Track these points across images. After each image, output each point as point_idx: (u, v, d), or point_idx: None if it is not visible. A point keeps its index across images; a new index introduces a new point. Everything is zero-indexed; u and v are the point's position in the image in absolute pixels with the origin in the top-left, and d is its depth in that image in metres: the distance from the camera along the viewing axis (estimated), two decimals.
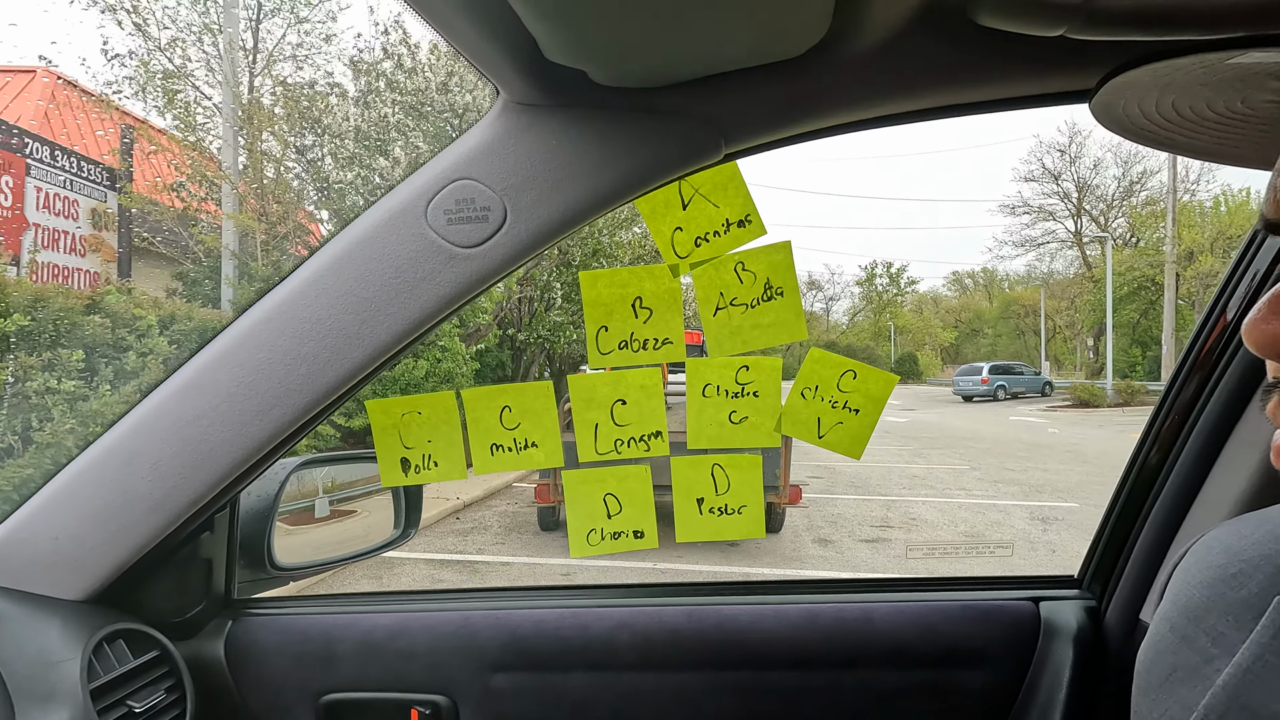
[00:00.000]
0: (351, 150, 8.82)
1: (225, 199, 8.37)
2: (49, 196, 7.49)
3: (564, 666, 0.79)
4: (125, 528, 0.72)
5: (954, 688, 0.76)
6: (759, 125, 0.56)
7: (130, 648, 0.74)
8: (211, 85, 9.27)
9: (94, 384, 4.83)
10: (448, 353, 8.47)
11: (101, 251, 8.33)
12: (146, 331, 5.32)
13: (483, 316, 9.16)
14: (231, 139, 8.63)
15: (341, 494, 1.98)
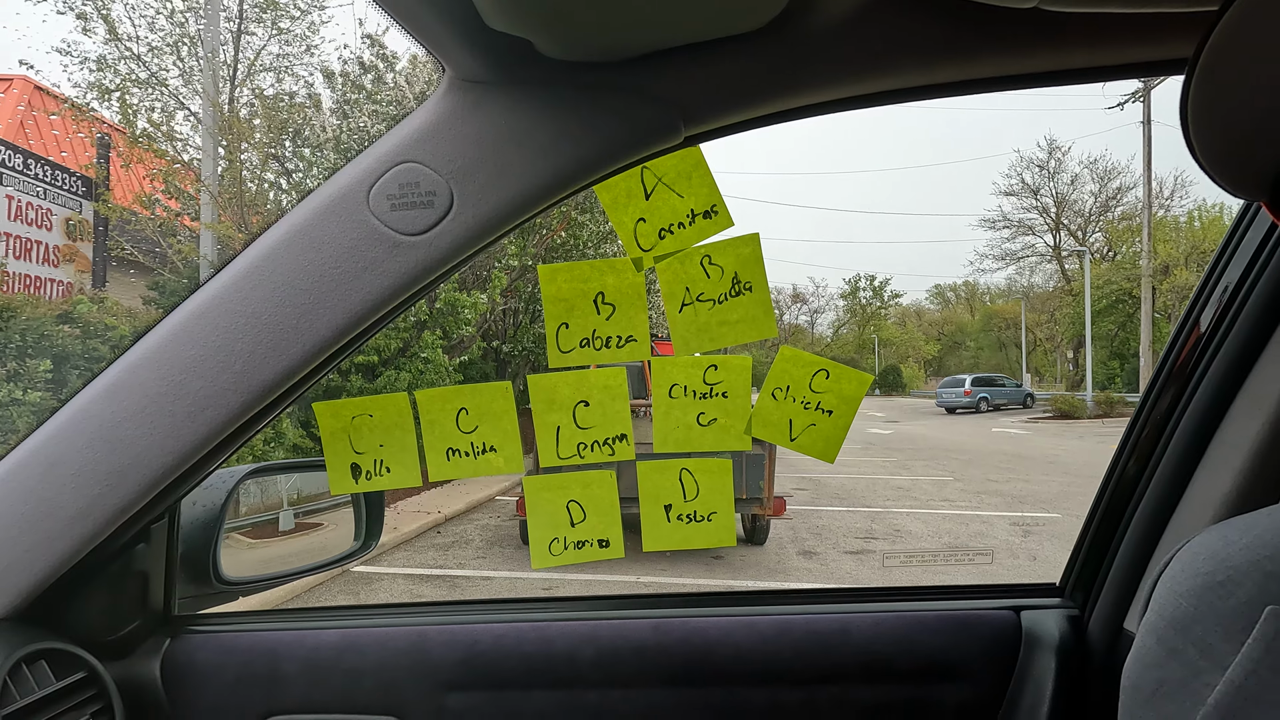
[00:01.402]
0: (332, 160, 8.75)
1: (204, 208, 8.26)
2: (22, 205, 7.36)
3: (524, 684, 0.74)
4: (47, 539, 0.67)
5: (934, 702, 0.72)
6: (721, 104, 0.53)
7: (54, 669, 0.69)
8: (190, 96, 9.20)
9: (62, 395, 4.71)
10: (430, 364, 8.38)
11: (76, 261, 8.19)
12: (119, 341, 5.21)
13: (467, 329, 9.08)
14: (211, 149, 8.54)
15: (309, 506, 1.91)
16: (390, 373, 7.98)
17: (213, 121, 8.64)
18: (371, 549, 1.06)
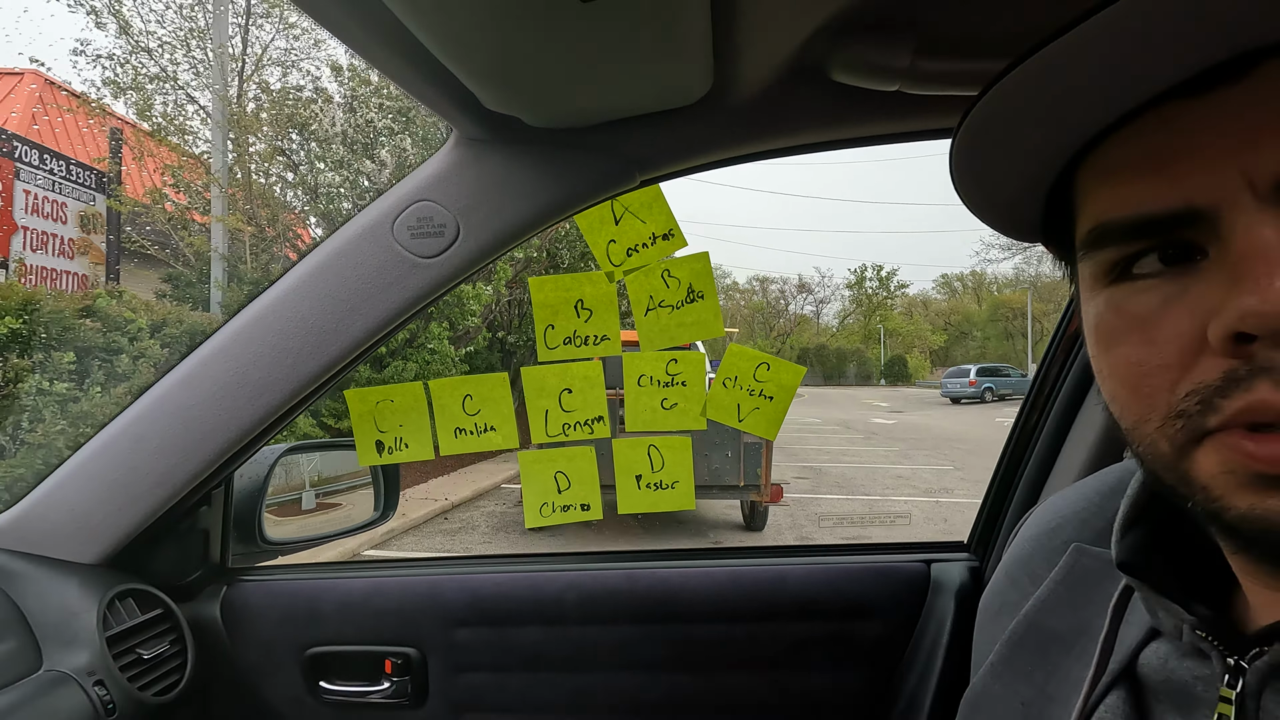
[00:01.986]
0: (340, 154, 8.90)
1: (214, 201, 8.43)
2: (37, 199, 7.53)
3: (519, 622, 0.90)
4: (133, 500, 0.83)
5: (854, 636, 0.87)
6: (665, 159, 0.68)
7: (138, 605, 0.85)
8: (199, 89, 9.35)
9: (85, 386, 4.90)
10: (437, 355, 8.57)
11: (90, 254, 8.37)
12: (137, 334, 5.39)
13: (472, 319, 9.26)
14: (220, 143, 8.70)
15: (327, 487, 2.10)
16: (397, 363, 8.16)
17: (222, 116, 8.80)
18: (389, 517, 1.22)
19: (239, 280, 8.39)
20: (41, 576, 0.80)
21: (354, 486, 1.66)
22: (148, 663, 0.81)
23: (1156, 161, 0.33)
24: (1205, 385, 0.31)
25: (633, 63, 0.53)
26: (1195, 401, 0.31)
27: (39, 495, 0.85)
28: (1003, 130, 0.35)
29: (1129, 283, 0.34)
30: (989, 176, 0.40)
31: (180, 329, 6.00)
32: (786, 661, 0.87)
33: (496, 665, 0.90)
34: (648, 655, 0.88)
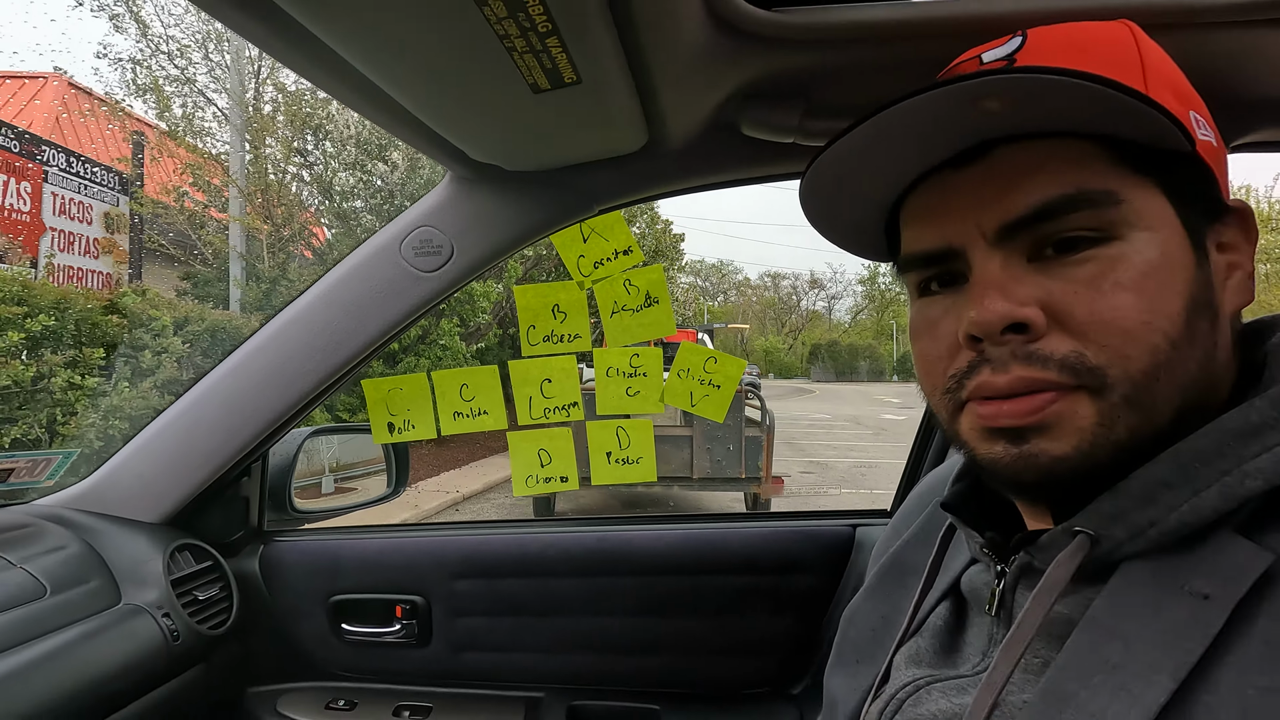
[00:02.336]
0: (354, 156, 9.12)
1: (232, 202, 8.68)
2: (64, 201, 7.80)
3: (507, 575, 1.07)
4: (189, 471, 1.00)
5: (788, 588, 1.03)
6: (616, 193, 0.84)
7: (193, 557, 1.03)
8: (218, 91, 9.60)
9: (113, 380, 5.13)
10: (449, 351, 8.79)
11: (114, 253, 8.64)
12: (161, 331, 5.62)
13: (483, 316, 9.47)
14: (238, 144, 8.95)
15: (344, 474, 2.29)
16: (410, 359, 8.39)
17: (239, 117, 9.05)
18: (400, 493, 1.40)
19: (257, 279, 8.64)
20: (117, 532, 0.98)
21: (367, 473, 1.85)
22: (202, 603, 0.99)
23: (931, 214, 0.48)
24: (959, 370, 0.46)
25: (581, 129, 0.70)
26: (955, 381, 0.47)
27: (111, 467, 1.03)
28: (834, 184, 0.49)
29: (927, 297, 0.50)
30: (829, 213, 0.55)
31: (202, 326, 6.23)
32: (730, 608, 1.04)
33: (488, 611, 1.07)
34: (614, 603, 1.05)
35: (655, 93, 0.66)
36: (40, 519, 0.95)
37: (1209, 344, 0.42)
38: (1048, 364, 0.40)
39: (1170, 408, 0.41)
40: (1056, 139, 0.42)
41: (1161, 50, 0.45)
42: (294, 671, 1.10)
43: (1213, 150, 0.44)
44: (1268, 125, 0.74)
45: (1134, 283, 0.40)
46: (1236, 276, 0.45)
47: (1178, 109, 0.42)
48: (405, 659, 1.08)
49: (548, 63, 0.56)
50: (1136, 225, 0.41)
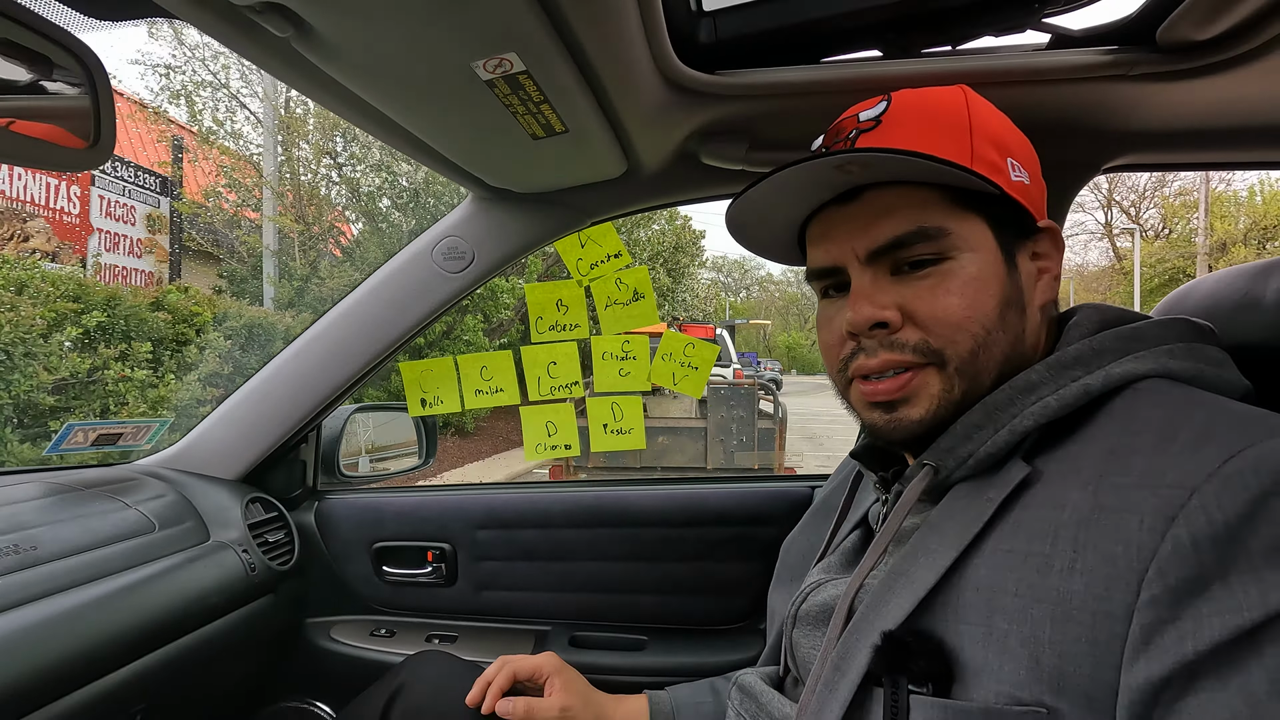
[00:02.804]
0: (378, 157, 9.43)
1: (266, 202, 9.04)
2: (110, 203, 8.21)
3: (520, 526, 1.27)
4: (259, 436, 1.23)
5: (756, 538, 1.22)
6: (605, 209, 1.04)
7: (263, 508, 1.25)
8: (250, 96, 9.97)
9: (160, 373, 5.46)
10: (472, 346, 9.07)
11: (156, 252, 9.05)
12: (203, 326, 5.95)
13: (505, 313, 9.75)
14: (271, 147, 9.31)
15: (379, 454, 2.53)
16: (434, 354, 8.68)
17: (272, 120, 9.40)
18: (429, 463, 1.61)
19: (289, 276, 9.00)
20: (203, 485, 1.20)
21: (399, 455, 2.06)
22: (271, 544, 1.21)
23: (823, 240, 0.66)
24: (845, 356, 0.64)
25: (573, 163, 0.90)
26: (843, 363, 0.65)
27: (195, 434, 1.25)
28: (752, 217, 0.66)
29: (826, 299, 0.68)
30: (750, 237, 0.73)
31: (240, 322, 6.56)
32: (707, 555, 1.23)
33: (505, 556, 1.28)
34: (610, 550, 1.25)
35: (628, 135, 0.86)
36: (144, 474, 1.18)
37: (1019, 329, 0.58)
38: (904, 349, 0.56)
39: (989, 375, 0.57)
40: (908, 186, 0.57)
41: (990, 108, 0.60)
42: (343, 605, 1.31)
43: (1025, 187, 0.58)
44: (1128, 153, 0.92)
45: (960, 290, 0.56)
46: (1045, 279, 0.62)
47: (996, 159, 0.57)
48: (435, 596, 1.30)
49: (542, 120, 0.76)
50: (963, 248, 0.56)
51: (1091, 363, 0.55)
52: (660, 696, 0.89)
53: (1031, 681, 0.44)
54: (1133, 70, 0.76)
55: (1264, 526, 0.40)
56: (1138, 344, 0.56)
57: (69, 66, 0.49)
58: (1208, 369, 0.55)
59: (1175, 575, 0.41)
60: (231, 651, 1.09)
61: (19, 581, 0.82)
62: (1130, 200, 35.05)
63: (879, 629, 0.51)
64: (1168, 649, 0.40)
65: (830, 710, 0.51)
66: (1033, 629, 0.45)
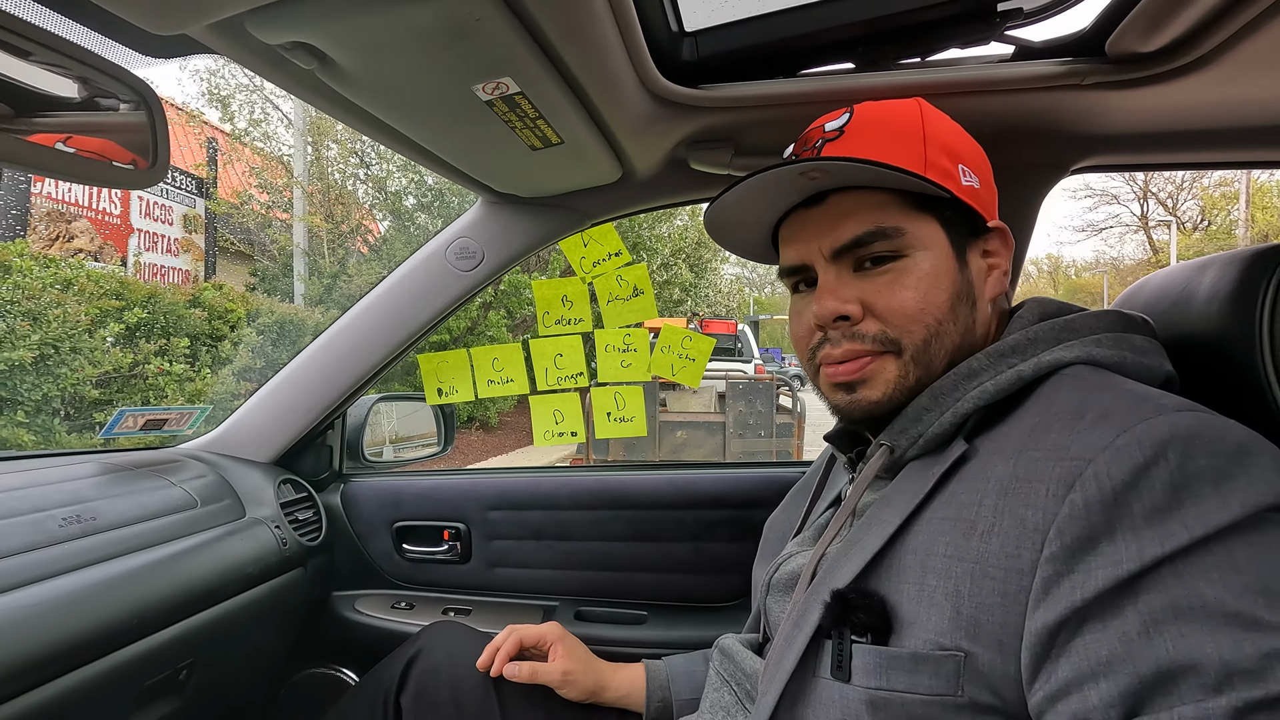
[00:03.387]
0: (401, 159, 9.60)
1: (296, 202, 9.28)
2: (149, 204, 8.50)
3: (529, 507, 1.36)
4: (290, 422, 1.33)
5: (749, 519, 1.29)
6: (605, 210, 1.12)
7: (294, 489, 1.35)
8: (283, 97, 10.22)
9: (196, 367, 5.68)
10: (496, 342, 9.22)
11: (192, 252, 9.34)
12: (237, 323, 6.16)
13: (529, 309, 9.88)
14: (301, 147, 9.55)
15: (401, 445, 2.65)
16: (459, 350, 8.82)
17: (302, 122, 9.63)
18: (448, 451, 1.71)
19: (318, 274, 9.23)
20: (240, 467, 1.31)
21: (421, 445, 2.17)
22: (301, 522, 1.32)
23: (792, 240, 0.73)
24: (813, 346, 0.71)
25: (571, 170, 0.98)
26: (811, 352, 0.72)
27: (232, 421, 1.36)
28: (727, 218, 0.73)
29: (797, 294, 0.75)
30: (727, 237, 0.80)
31: (272, 318, 6.77)
32: (703, 535, 1.30)
33: (514, 536, 1.37)
34: (612, 530, 1.33)
35: (620, 144, 0.94)
36: (187, 456, 1.29)
37: (969, 320, 0.64)
38: (865, 339, 0.63)
39: (941, 362, 0.63)
40: (867, 190, 0.63)
41: (944, 119, 0.65)
42: (367, 580, 1.42)
43: (975, 191, 0.64)
44: (1091, 155, 0.97)
45: (915, 284, 0.61)
46: (994, 274, 0.67)
47: (948, 165, 0.63)
48: (451, 573, 1.39)
49: (539, 133, 0.84)
50: (918, 246, 0.62)
51: (1027, 351, 0.61)
52: (656, 665, 0.97)
53: (952, 629, 0.50)
54: (1086, 80, 0.82)
55: (1146, 492, 0.45)
56: (1069, 334, 0.62)
57: (131, 99, 0.58)
58: (1131, 356, 0.61)
59: (1070, 534, 0.46)
60: (265, 618, 1.19)
61: (82, 547, 0.92)
62: (1167, 192, 34.12)
63: (832, 589, 0.57)
64: (1061, 598, 0.46)
65: (788, 660, 0.58)
66: (955, 584, 0.51)
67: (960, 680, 0.49)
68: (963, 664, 0.49)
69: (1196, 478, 0.45)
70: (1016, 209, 1.02)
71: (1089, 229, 37.95)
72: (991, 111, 0.91)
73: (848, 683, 0.54)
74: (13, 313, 4.39)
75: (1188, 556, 0.43)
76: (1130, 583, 0.44)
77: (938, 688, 0.50)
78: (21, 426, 4.34)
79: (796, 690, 0.57)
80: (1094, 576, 0.45)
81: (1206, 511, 0.44)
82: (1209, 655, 0.41)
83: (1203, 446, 0.46)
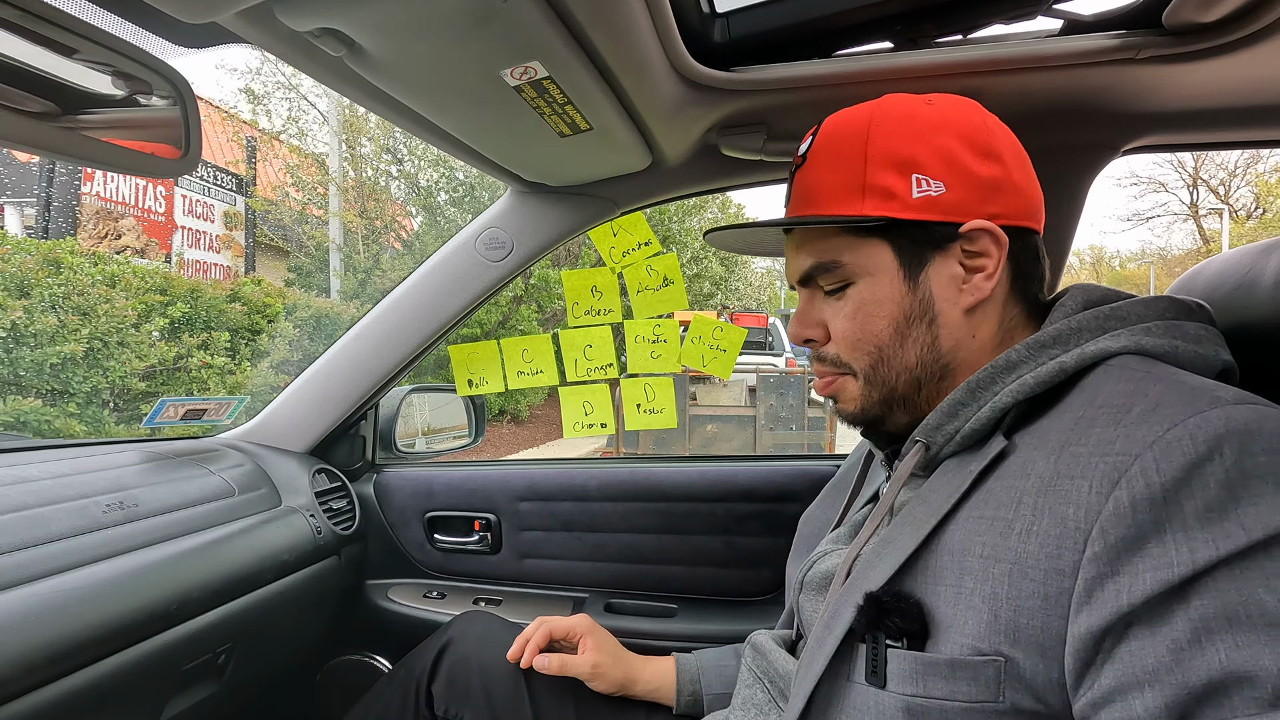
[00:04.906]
0: (436, 153, 9.71)
1: (331, 199, 9.45)
2: (192, 202, 8.74)
3: (559, 498, 1.36)
4: (325, 413, 1.35)
5: (782, 513, 1.27)
6: (634, 198, 1.11)
7: (328, 478, 1.37)
8: (319, 95, 10.40)
9: (236, 360, 5.83)
10: (526, 335, 9.28)
11: (232, 248, 9.58)
12: (275, 317, 6.30)
13: (558, 303, 9.93)
14: (336, 145, 9.71)
15: (433, 436, 2.67)
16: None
17: (337, 119, 9.79)
18: (479, 442, 1.72)
19: (353, 269, 9.39)
20: (276, 457, 1.33)
21: (453, 437, 2.18)
22: (335, 511, 1.34)
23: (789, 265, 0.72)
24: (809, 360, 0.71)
25: (599, 157, 0.97)
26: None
27: (268, 411, 1.38)
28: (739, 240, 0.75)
29: None
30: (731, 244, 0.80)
31: (309, 313, 6.91)
32: (735, 529, 1.29)
33: (544, 527, 1.37)
34: (642, 523, 1.32)
35: (650, 130, 0.92)
36: (225, 446, 1.32)
37: (928, 339, 0.61)
38: (827, 361, 0.66)
39: (900, 380, 0.62)
40: (815, 227, 0.64)
41: (899, 125, 0.61)
42: (399, 569, 1.43)
43: (934, 200, 0.59)
44: (1144, 134, 0.92)
45: (853, 314, 0.63)
46: (975, 280, 0.61)
47: (892, 182, 0.59)
48: (481, 563, 1.40)
49: (568, 119, 0.83)
50: (861, 275, 0.62)
51: (1070, 341, 0.58)
52: (687, 658, 0.96)
53: (991, 634, 0.48)
54: (1141, 53, 0.78)
55: (1199, 490, 0.43)
56: (1116, 322, 0.59)
57: (165, 89, 0.58)
58: (1184, 345, 0.57)
59: (1115, 534, 0.44)
60: (301, 605, 1.21)
61: (124, 533, 0.95)
62: (1219, 179, 32.76)
63: (865, 591, 0.55)
64: (1107, 601, 0.43)
65: (817, 662, 0.57)
66: (993, 586, 0.49)
67: (1001, 686, 0.47)
68: (1003, 669, 0.47)
69: (1255, 475, 0.42)
70: (1063, 193, 0.98)
71: (1134, 218, 36.64)
72: (1038, 90, 0.87)
73: (883, 689, 0.52)
74: (64, 307, 4.55)
75: (1245, 560, 0.41)
76: (1181, 588, 0.42)
77: (978, 695, 0.48)
78: (73, 417, 4.50)
79: (829, 694, 0.56)
80: (1141, 580, 0.43)
81: (1266, 512, 0.41)
82: (1265, 667, 0.38)
83: (1262, 442, 0.43)
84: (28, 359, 4.30)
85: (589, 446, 9.09)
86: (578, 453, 8.77)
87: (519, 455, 8.34)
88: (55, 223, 6.86)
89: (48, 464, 1.00)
